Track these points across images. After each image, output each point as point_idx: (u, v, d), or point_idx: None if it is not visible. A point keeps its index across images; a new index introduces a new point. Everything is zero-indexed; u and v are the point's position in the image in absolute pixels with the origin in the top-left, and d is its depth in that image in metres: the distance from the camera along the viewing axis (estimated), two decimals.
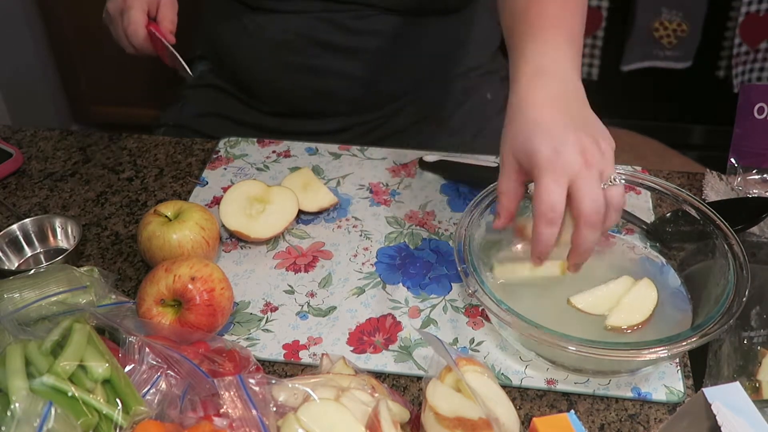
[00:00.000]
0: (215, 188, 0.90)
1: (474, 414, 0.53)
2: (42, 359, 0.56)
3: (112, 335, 0.64)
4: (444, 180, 0.90)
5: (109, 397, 0.55)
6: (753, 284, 0.64)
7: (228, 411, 0.52)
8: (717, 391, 0.47)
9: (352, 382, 0.57)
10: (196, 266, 0.68)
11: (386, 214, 0.86)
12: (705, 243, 0.70)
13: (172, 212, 0.76)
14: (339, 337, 0.71)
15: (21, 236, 0.81)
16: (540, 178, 0.62)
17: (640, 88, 1.97)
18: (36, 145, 0.99)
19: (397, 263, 0.79)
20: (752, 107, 0.86)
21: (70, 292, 0.67)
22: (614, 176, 0.63)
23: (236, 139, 0.98)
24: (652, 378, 0.66)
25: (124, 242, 0.83)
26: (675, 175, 0.91)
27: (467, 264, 0.66)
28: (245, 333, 0.72)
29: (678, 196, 0.73)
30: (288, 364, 0.69)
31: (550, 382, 0.66)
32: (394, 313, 0.73)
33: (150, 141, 0.99)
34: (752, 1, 1.77)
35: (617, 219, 0.65)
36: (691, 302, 0.70)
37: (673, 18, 1.83)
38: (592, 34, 1.87)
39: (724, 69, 1.91)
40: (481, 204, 0.72)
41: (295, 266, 0.79)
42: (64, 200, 0.90)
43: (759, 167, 0.87)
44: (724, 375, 0.65)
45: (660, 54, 1.88)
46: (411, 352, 0.69)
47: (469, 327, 0.72)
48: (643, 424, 0.64)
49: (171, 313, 0.68)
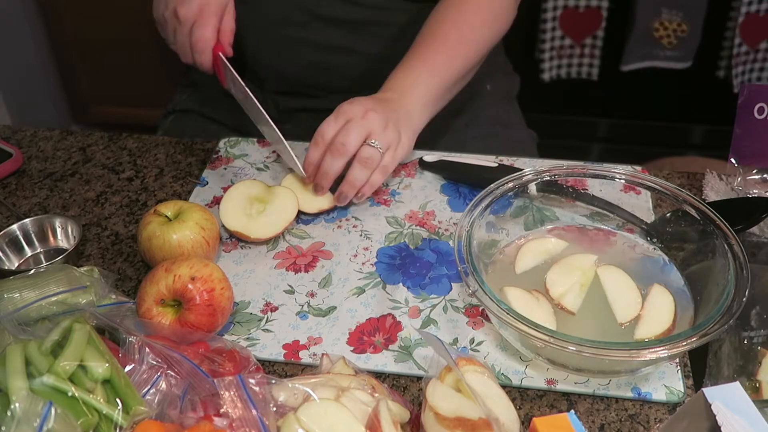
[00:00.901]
0: (215, 188, 0.90)
1: (474, 414, 0.53)
2: (42, 359, 0.56)
3: (112, 335, 0.64)
4: (444, 180, 0.90)
5: (109, 397, 0.55)
6: (753, 284, 0.64)
7: (228, 411, 0.52)
8: (717, 391, 0.47)
9: (352, 382, 0.57)
10: (196, 266, 0.68)
11: (386, 214, 0.86)
12: (705, 243, 0.70)
13: (172, 212, 0.76)
14: (339, 337, 0.71)
15: (21, 236, 0.81)
16: (329, 117, 0.84)
17: (640, 88, 1.97)
18: (36, 145, 0.99)
19: (397, 263, 0.79)
20: (752, 107, 0.86)
21: (70, 292, 0.67)
22: (379, 145, 0.82)
23: (236, 139, 0.98)
24: (652, 378, 0.66)
25: (124, 242, 0.83)
26: (675, 175, 0.91)
27: (467, 264, 0.66)
28: (245, 333, 0.72)
29: (678, 196, 0.73)
30: (288, 364, 0.69)
31: (550, 382, 0.66)
32: (394, 313, 0.73)
33: (150, 141, 0.99)
34: (752, 1, 1.77)
35: (362, 176, 0.83)
36: (694, 302, 0.70)
37: (673, 18, 1.83)
38: (592, 34, 1.88)
39: (724, 69, 1.91)
40: (481, 204, 0.72)
41: (295, 266, 0.79)
42: (64, 200, 0.90)
43: (759, 167, 0.87)
44: (724, 375, 0.65)
45: (660, 54, 1.88)
46: (411, 352, 0.69)
47: (469, 327, 0.72)
48: (643, 424, 0.64)
49: (171, 313, 0.68)
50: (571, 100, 2.05)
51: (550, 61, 1.92)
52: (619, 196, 0.83)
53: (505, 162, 0.93)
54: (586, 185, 0.84)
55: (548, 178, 0.77)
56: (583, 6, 1.83)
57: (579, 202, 0.80)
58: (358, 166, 0.83)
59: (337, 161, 0.82)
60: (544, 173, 0.77)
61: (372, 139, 0.83)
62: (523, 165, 0.92)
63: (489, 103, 1.13)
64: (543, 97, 1.88)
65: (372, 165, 0.83)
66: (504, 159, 0.93)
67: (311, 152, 0.83)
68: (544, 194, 0.79)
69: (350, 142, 0.82)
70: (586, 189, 0.84)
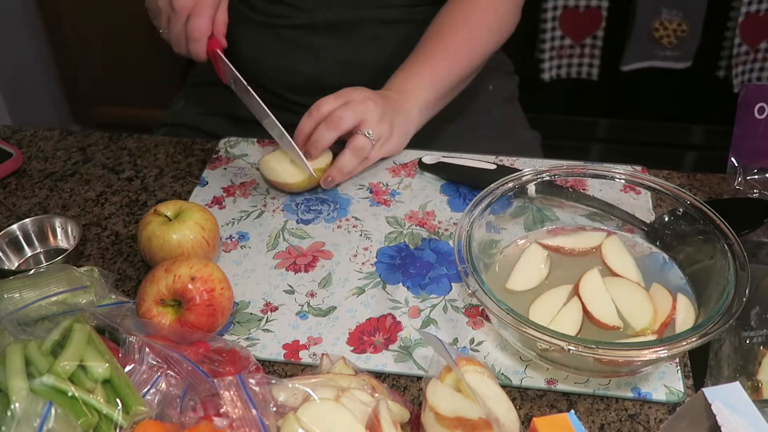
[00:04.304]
0: (215, 188, 0.90)
1: (474, 414, 0.53)
2: (42, 359, 0.56)
3: (112, 335, 0.64)
4: (444, 180, 0.90)
5: (109, 397, 0.55)
6: (753, 284, 0.64)
7: (228, 411, 0.52)
8: (717, 391, 0.47)
9: (352, 382, 0.57)
10: (196, 266, 0.68)
11: (386, 214, 0.86)
12: (705, 243, 0.70)
13: (172, 212, 0.76)
14: (339, 337, 0.71)
15: (21, 236, 0.81)
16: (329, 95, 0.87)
17: (640, 88, 1.97)
18: (36, 145, 0.99)
19: (397, 263, 0.79)
20: (752, 107, 0.86)
21: (70, 292, 0.67)
22: (372, 136, 0.86)
23: (236, 139, 0.98)
24: (652, 378, 0.66)
25: (124, 242, 0.83)
26: (675, 175, 0.91)
27: (467, 264, 0.66)
28: (245, 333, 0.72)
29: (678, 196, 0.73)
30: (288, 364, 0.69)
31: (550, 382, 0.66)
32: (394, 313, 0.73)
33: (150, 141, 0.99)
34: (752, 1, 1.77)
35: (352, 164, 0.86)
36: (695, 300, 0.70)
37: (673, 18, 1.82)
38: (592, 34, 1.88)
39: (724, 69, 1.90)
40: (480, 204, 0.72)
41: (295, 266, 0.79)
42: (64, 200, 0.90)
43: (759, 167, 0.87)
44: (724, 375, 0.65)
45: (660, 54, 1.88)
46: (411, 352, 0.69)
47: (469, 327, 0.72)
48: (643, 424, 0.64)
49: (171, 313, 0.68)
50: (571, 100, 2.05)
51: (550, 61, 1.92)
52: (618, 196, 0.83)
53: (504, 162, 0.93)
54: (586, 185, 0.84)
55: (548, 178, 0.77)
56: (583, 6, 1.83)
57: (578, 202, 0.80)
58: (350, 154, 0.86)
59: (330, 133, 0.85)
60: (543, 173, 0.77)
61: (366, 129, 0.86)
62: (522, 165, 0.92)
63: (493, 105, 1.12)
64: (543, 97, 1.88)
65: (363, 155, 0.87)
66: (504, 159, 0.93)
67: (304, 121, 0.86)
68: (543, 195, 0.79)
69: (347, 118, 0.84)
70: (586, 189, 0.84)
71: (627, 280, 0.71)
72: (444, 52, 0.95)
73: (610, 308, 0.68)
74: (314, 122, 0.85)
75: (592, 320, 0.67)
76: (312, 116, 0.86)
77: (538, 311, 0.68)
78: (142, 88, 2.09)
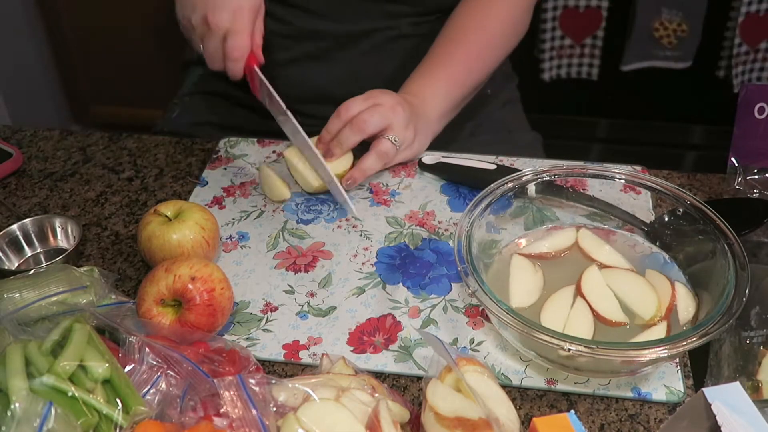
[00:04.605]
0: (215, 188, 0.90)
1: (474, 414, 0.53)
2: (42, 359, 0.56)
3: (112, 335, 0.64)
4: (444, 180, 0.90)
5: (109, 397, 0.55)
6: (753, 284, 0.64)
7: (228, 411, 0.52)
8: (717, 391, 0.47)
9: (352, 382, 0.57)
10: (196, 266, 0.68)
11: (386, 214, 0.86)
12: (705, 243, 0.70)
13: (172, 212, 0.76)
14: (339, 337, 0.71)
15: (21, 236, 0.81)
16: (358, 96, 0.86)
17: (640, 88, 1.97)
18: (36, 145, 0.99)
19: (397, 263, 0.79)
20: (752, 107, 0.86)
21: (70, 292, 0.67)
22: (398, 142, 0.86)
23: (236, 139, 0.98)
24: (652, 378, 0.66)
25: (124, 242, 0.83)
26: (675, 175, 0.91)
27: (467, 264, 0.66)
28: (245, 333, 0.72)
29: (678, 196, 0.73)
30: (288, 364, 0.69)
31: (550, 382, 0.66)
32: (394, 313, 0.73)
33: (150, 141, 0.99)
34: (752, 1, 1.77)
35: (375, 167, 0.86)
36: (696, 299, 0.70)
37: (673, 18, 1.82)
38: (592, 34, 1.88)
39: (724, 69, 1.91)
40: (481, 204, 0.72)
41: (295, 266, 0.79)
42: (64, 200, 0.90)
43: (759, 167, 0.87)
44: (724, 375, 0.65)
45: (660, 54, 1.88)
46: (411, 352, 0.69)
47: (469, 327, 0.72)
48: (643, 424, 0.64)
49: (171, 313, 0.68)
50: (571, 100, 2.05)
51: (550, 61, 1.92)
52: (618, 196, 0.83)
53: (504, 162, 0.93)
54: (586, 185, 0.84)
55: (548, 178, 0.77)
56: (583, 6, 1.83)
57: (578, 202, 0.80)
58: (375, 157, 0.86)
59: (355, 135, 0.84)
60: (543, 173, 0.77)
61: (392, 135, 0.86)
62: (522, 165, 0.92)
63: (494, 109, 1.12)
64: (543, 97, 1.88)
65: (387, 159, 0.87)
66: (504, 159, 0.93)
67: (332, 122, 0.85)
68: (543, 195, 0.79)
69: (373, 122, 0.84)
70: (586, 189, 0.84)
71: (623, 271, 0.71)
72: (462, 57, 0.95)
73: (614, 303, 0.68)
74: (342, 123, 0.85)
75: (600, 319, 0.67)
76: (340, 117, 0.85)
77: (549, 319, 0.67)
78: (141, 88, 2.09)
